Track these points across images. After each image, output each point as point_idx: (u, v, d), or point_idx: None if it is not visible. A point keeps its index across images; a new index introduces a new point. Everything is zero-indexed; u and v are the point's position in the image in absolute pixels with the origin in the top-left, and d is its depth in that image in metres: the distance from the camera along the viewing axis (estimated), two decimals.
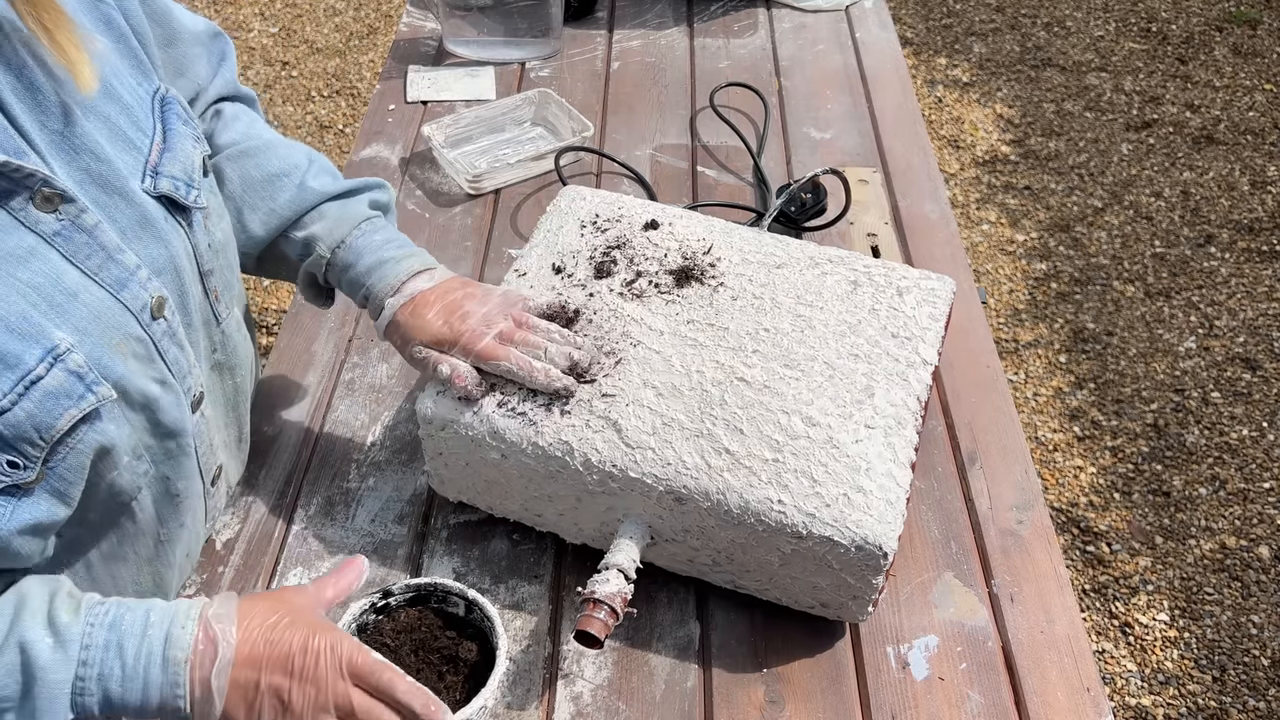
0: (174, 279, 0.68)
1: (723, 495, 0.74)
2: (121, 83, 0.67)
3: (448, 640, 0.71)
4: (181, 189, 0.69)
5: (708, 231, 0.95)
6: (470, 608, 0.71)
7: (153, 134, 0.68)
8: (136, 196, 0.65)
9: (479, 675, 0.69)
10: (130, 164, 0.65)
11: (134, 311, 0.63)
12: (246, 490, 0.92)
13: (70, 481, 0.59)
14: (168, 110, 0.70)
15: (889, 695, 0.78)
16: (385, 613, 0.72)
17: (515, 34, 1.47)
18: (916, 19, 3.26)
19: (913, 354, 0.84)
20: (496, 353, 0.78)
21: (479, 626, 0.71)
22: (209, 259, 0.74)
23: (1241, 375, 2.10)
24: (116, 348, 0.61)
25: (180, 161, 0.69)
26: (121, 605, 0.60)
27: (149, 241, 0.66)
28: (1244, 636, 1.67)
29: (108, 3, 0.67)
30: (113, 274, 0.62)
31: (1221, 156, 2.67)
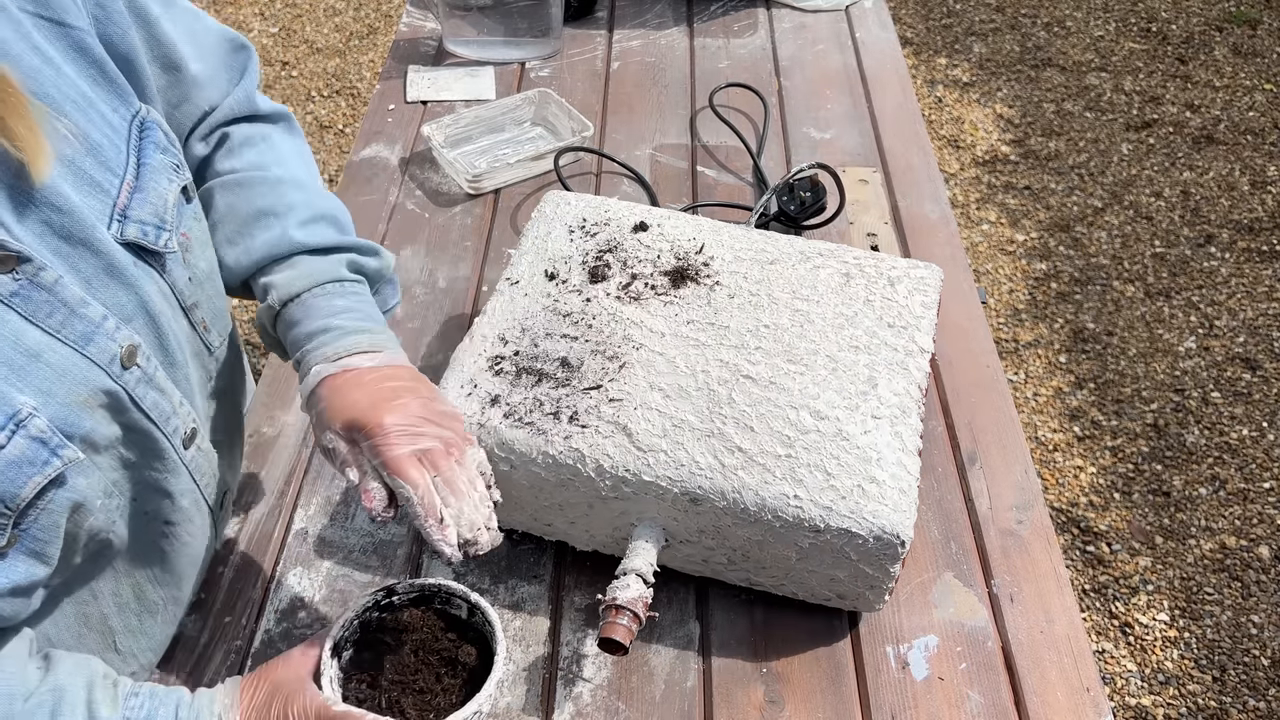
0: (148, 323, 0.65)
1: (739, 494, 0.74)
2: (91, 119, 0.62)
3: (448, 642, 0.71)
4: (151, 234, 0.65)
5: (697, 231, 0.95)
6: (473, 611, 0.71)
7: (124, 172, 0.64)
8: (103, 245, 0.61)
9: (477, 679, 0.69)
10: (97, 209, 0.62)
11: (102, 365, 0.60)
12: (246, 490, 0.92)
13: (46, 541, 0.58)
14: (145, 138, 0.66)
15: (889, 695, 0.78)
16: (388, 610, 0.72)
17: (515, 34, 1.47)
18: (916, 19, 3.26)
19: (910, 342, 0.84)
20: (406, 473, 0.65)
21: (480, 630, 0.71)
22: (191, 293, 0.71)
23: (1241, 375, 2.10)
24: (84, 404, 0.59)
25: (151, 202, 0.65)
26: (154, 698, 0.63)
27: (117, 289, 0.62)
28: (1244, 636, 1.67)
29: (79, 28, 0.62)
30: (77, 329, 0.59)
31: (1221, 156, 2.67)
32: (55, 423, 0.57)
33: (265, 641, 0.81)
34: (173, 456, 0.68)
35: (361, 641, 0.71)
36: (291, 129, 0.85)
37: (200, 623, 0.82)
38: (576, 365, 0.82)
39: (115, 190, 0.63)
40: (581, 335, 0.85)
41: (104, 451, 0.62)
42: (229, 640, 0.81)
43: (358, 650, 0.71)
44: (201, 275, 0.72)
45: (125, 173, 0.64)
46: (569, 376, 0.81)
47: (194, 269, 0.71)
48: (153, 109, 0.68)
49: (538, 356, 0.84)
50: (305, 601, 0.84)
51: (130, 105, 0.66)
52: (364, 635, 0.71)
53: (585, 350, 0.84)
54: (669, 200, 1.25)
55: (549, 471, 0.78)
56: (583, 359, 0.83)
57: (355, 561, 0.87)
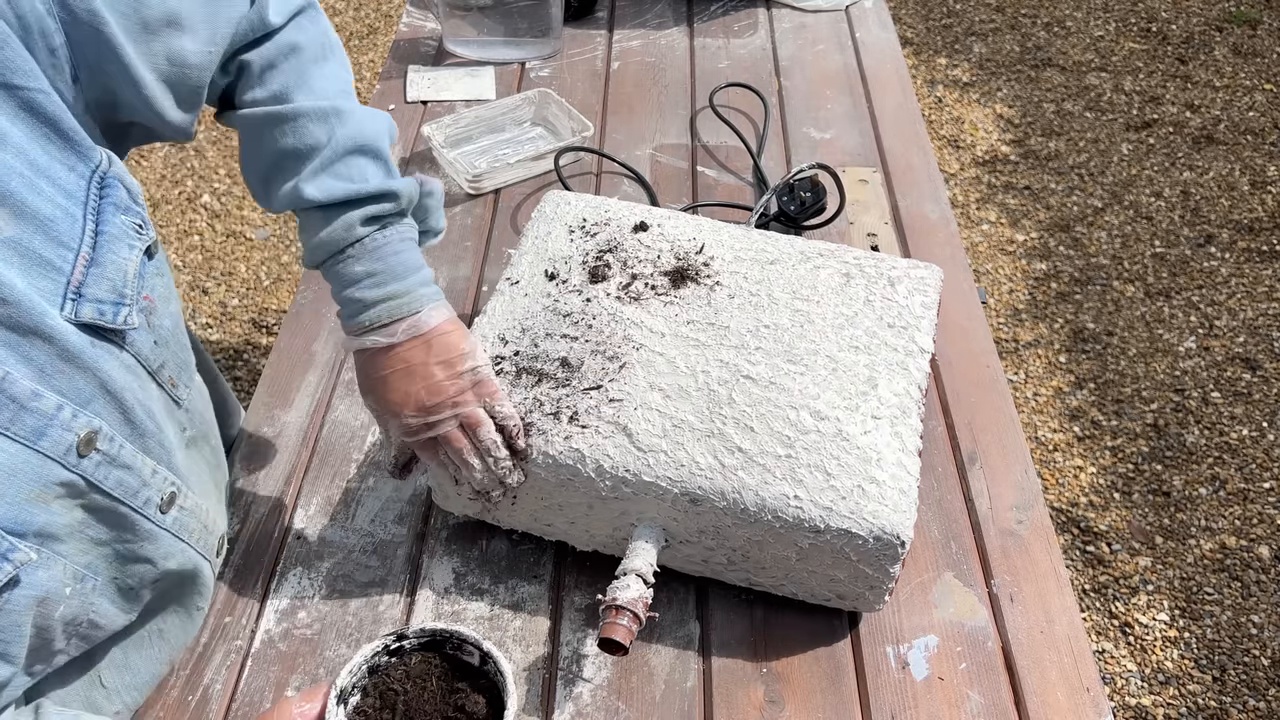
0: (110, 401, 0.62)
1: (738, 494, 0.74)
2: (40, 192, 0.58)
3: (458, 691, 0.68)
4: (108, 313, 0.61)
5: (697, 231, 0.95)
6: (485, 659, 0.69)
7: (79, 244, 0.59)
8: (55, 331, 0.57)
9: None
10: (49, 289, 0.58)
11: (56, 458, 0.57)
12: (246, 490, 0.92)
13: (9, 641, 0.56)
14: (105, 198, 0.62)
15: (889, 695, 0.78)
16: (398, 655, 0.70)
17: (515, 34, 1.47)
18: (916, 19, 3.26)
19: (910, 343, 0.84)
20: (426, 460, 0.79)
21: (492, 680, 0.68)
22: (157, 356, 0.68)
23: (1241, 375, 2.10)
24: (36, 499, 0.57)
25: (109, 278, 0.61)
26: None
27: (73, 375, 0.59)
28: (1244, 636, 1.67)
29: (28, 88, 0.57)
30: (27, 425, 0.56)
31: (1221, 156, 2.67)
32: (4, 524, 0.54)
33: (265, 641, 0.81)
34: (147, 526, 0.66)
35: (369, 687, 0.69)
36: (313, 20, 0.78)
37: (200, 623, 0.82)
38: (576, 365, 0.82)
39: (69, 266, 0.59)
40: (581, 335, 0.85)
41: (67, 539, 0.60)
42: (229, 640, 0.81)
43: (364, 696, 0.68)
44: (166, 334, 0.69)
45: (80, 245, 0.60)
46: (569, 377, 0.81)
47: (159, 330, 0.68)
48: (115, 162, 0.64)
49: (538, 357, 0.84)
50: (305, 601, 0.84)
51: (90, 160, 0.62)
52: (372, 680, 0.69)
53: (585, 350, 0.84)
54: (669, 200, 1.25)
55: (549, 472, 0.78)
56: (583, 359, 0.83)
57: (355, 561, 0.87)
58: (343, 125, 0.75)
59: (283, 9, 0.75)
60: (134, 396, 0.64)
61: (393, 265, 0.76)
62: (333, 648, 0.81)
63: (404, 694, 0.68)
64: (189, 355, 0.75)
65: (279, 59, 0.74)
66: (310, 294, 1.12)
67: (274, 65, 0.74)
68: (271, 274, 2.38)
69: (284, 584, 0.85)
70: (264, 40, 0.74)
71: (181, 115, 0.71)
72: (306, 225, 0.76)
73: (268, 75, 0.74)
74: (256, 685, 0.78)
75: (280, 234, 2.47)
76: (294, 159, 0.74)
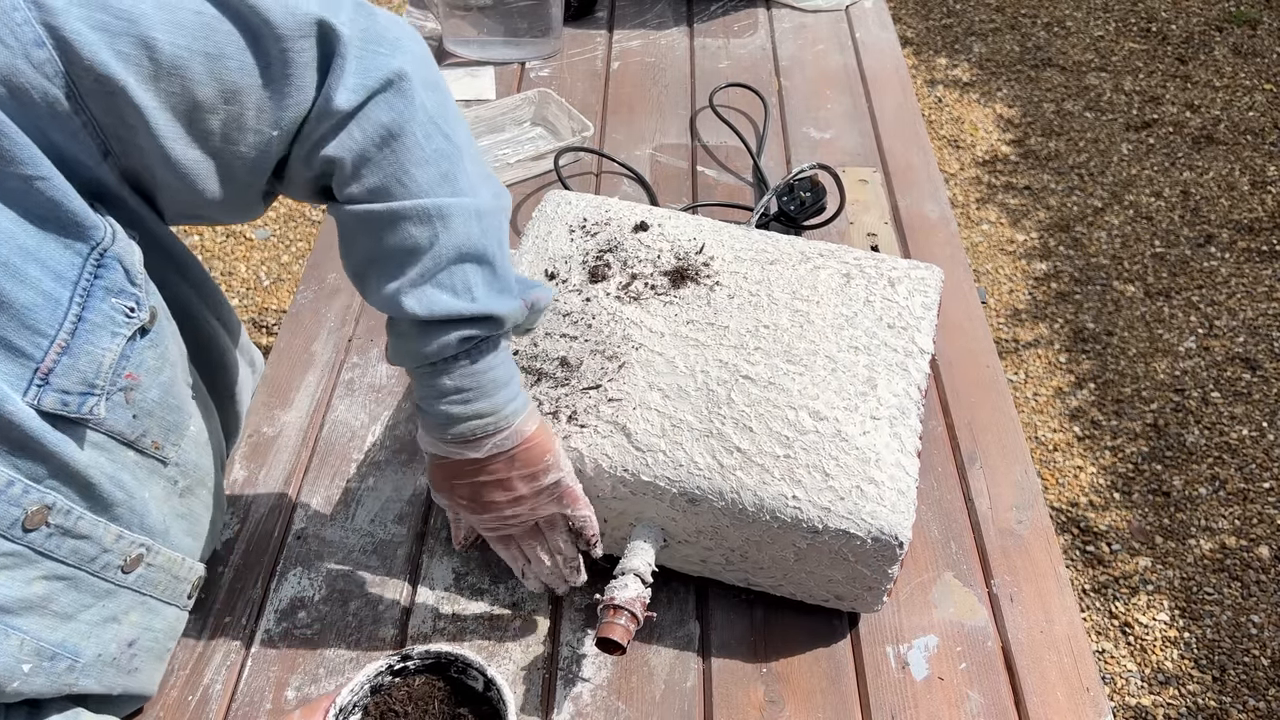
0: (70, 478, 0.60)
1: (737, 494, 0.74)
2: (24, 278, 0.55)
3: (459, 716, 0.68)
4: (73, 404, 0.58)
5: (698, 231, 0.95)
6: (489, 685, 0.68)
7: (56, 331, 0.57)
8: (14, 416, 0.55)
9: None
10: (14, 374, 0.56)
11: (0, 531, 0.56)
12: (246, 490, 0.92)
13: None
14: (98, 279, 0.59)
15: (889, 695, 0.78)
16: (401, 675, 0.69)
17: (515, 34, 1.47)
18: (916, 19, 3.26)
19: (909, 343, 0.84)
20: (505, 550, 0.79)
21: (495, 707, 0.68)
22: (136, 427, 0.65)
23: (1241, 375, 2.10)
24: None
25: (80, 369, 0.58)
26: None
27: (28, 457, 0.57)
28: (1244, 636, 1.67)
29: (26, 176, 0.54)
30: None
31: (1221, 156, 2.67)
32: None
33: (265, 641, 0.81)
34: (105, 588, 0.65)
35: (370, 706, 0.68)
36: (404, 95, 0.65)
37: (200, 623, 0.82)
38: (576, 365, 0.82)
39: (41, 354, 0.57)
40: (581, 335, 0.85)
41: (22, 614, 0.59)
42: (229, 640, 0.81)
43: (365, 715, 0.68)
44: (151, 404, 0.66)
45: (58, 332, 0.57)
46: (568, 376, 0.81)
47: (140, 405, 0.65)
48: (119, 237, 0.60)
49: (537, 356, 0.84)
50: (305, 601, 0.84)
51: (90, 238, 0.58)
52: (374, 699, 0.69)
53: (584, 350, 0.84)
54: (669, 200, 1.25)
55: None
56: (582, 359, 0.83)
57: (355, 561, 0.87)
58: (448, 229, 0.65)
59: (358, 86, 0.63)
60: (101, 472, 0.62)
61: (484, 383, 0.69)
62: (333, 648, 0.81)
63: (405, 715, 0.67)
64: (180, 417, 0.71)
65: (372, 150, 0.64)
66: (310, 294, 1.12)
67: (368, 159, 0.65)
68: (271, 274, 2.38)
69: (284, 584, 0.85)
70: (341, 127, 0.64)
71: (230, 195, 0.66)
72: (397, 327, 0.69)
73: (363, 171, 0.65)
74: (256, 685, 0.78)
75: (280, 234, 2.47)
76: (394, 263, 0.66)
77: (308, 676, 0.79)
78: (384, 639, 0.81)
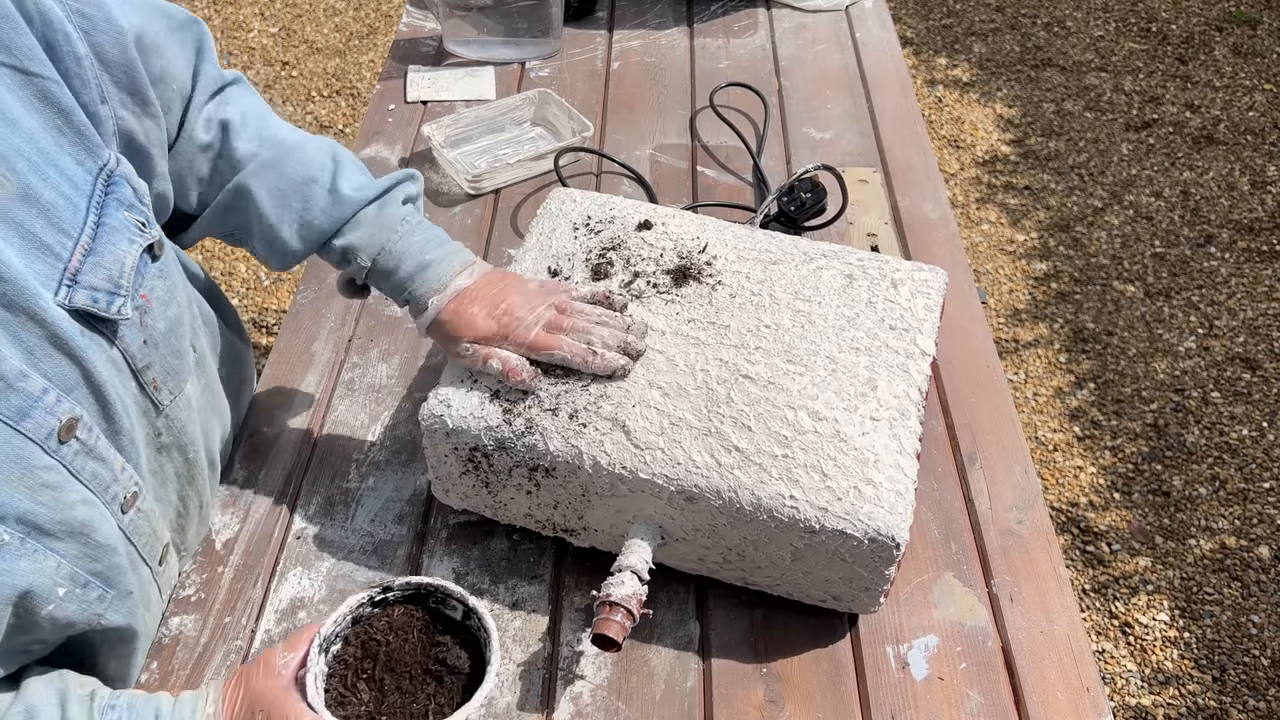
0: (92, 393, 0.63)
1: (734, 493, 0.74)
2: (46, 177, 0.59)
3: (440, 645, 0.70)
4: (102, 301, 0.62)
5: (701, 230, 0.95)
6: (468, 614, 0.70)
7: (79, 234, 0.61)
8: (47, 314, 0.58)
9: (468, 685, 0.68)
10: (44, 274, 0.59)
11: (38, 441, 0.58)
12: (246, 490, 0.92)
13: None
14: (110, 194, 0.64)
15: (889, 695, 0.78)
16: (382, 606, 0.71)
17: (515, 34, 1.47)
18: (916, 19, 3.26)
19: (911, 345, 0.84)
20: (549, 343, 0.80)
21: (474, 634, 0.70)
22: (144, 355, 0.68)
23: (1241, 375, 2.10)
24: (17, 482, 0.57)
25: (105, 267, 0.62)
26: (132, 709, 0.63)
27: (60, 360, 0.60)
28: (1244, 636, 1.67)
29: (43, 75, 0.60)
30: (12, 404, 0.56)
31: (1221, 156, 2.67)
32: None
33: (265, 641, 0.81)
34: (110, 526, 0.66)
35: (350, 636, 0.70)
36: (246, 87, 0.87)
37: (200, 623, 0.82)
38: None
39: (67, 254, 0.60)
40: None
41: (63, 538, 0.60)
42: (229, 640, 0.81)
43: (345, 644, 0.70)
44: (158, 336, 0.70)
45: (80, 234, 0.61)
46: (568, 373, 0.81)
47: (151, 330, 0.69)
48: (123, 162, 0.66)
49: None
50: (305, 601, 0.84)
51: (98, 158, 0.63)
52: (354, 629, 0.70)
53: None
54: (669, 200, 1.25)
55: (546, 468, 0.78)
56: None
57: (355, 561, 0.87)
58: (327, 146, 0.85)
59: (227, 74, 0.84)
60: (115, 391, 0.64)
61: (438, 233, 0.85)
62: None
63: (386, 645, 0.69)
64: (182, 365, 0.75)
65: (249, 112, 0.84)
66: (310, 294, 1.12)
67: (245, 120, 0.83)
68: (271, 274, 2.38)
69: (284, 584, 0.85)
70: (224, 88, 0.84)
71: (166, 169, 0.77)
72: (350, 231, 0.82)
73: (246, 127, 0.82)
74: None
75: None
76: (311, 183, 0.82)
77: None
78: None
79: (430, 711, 0.67)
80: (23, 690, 0.60)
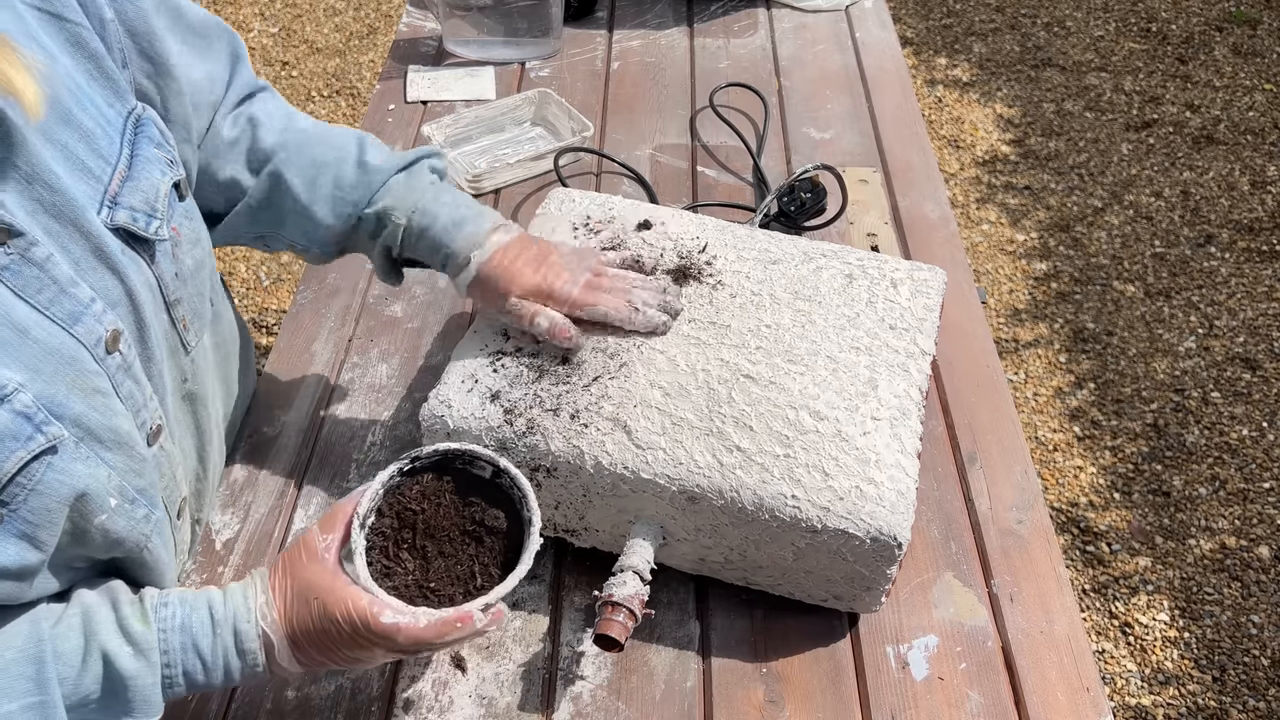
0: (131, 312, 0.65)
1: (736, 493, 0.74)
2: (84, 108, 0.63)
3: (475, 506, 0.70)
4: (141, 220, 0.65)
5: (701, 230, 0.95)
6: (498, 474, 0.70)
7: (116, 161, 0.65)
8: (92, 228, 0.61)
9: (508, 544, 0.68)
10: (87, 194, 0.62)
11: (88, 346, 0.60)
12: (246, 490, 0.92)
13: (37, 525, 0.57)
14: (140, 133, 0.67)
15: (889, 695, 0.78)
16: (411, 475, 0.71)
17: (515, 34, 1.47)
18: (916, 19, 3.26)
19: (911, 345, 0.84)
20: (593, 299, 0.82)
21: (507, 493, 0.71)
22: (176, 288, 0.71)
23: (1241, 375, 2.10)
24: (71, 384, 0.59)
25: (142, 191, 0.66)
26: (184, 604, 0.64)
27: (104, 274, 0.63)
28: (1244, 636, 1.67)
29: (76, 22, 0.63)
30: (65, 308, 0.59)
31: (1221, 156, 2.67)
32: (42, 400, 0.56)
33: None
34: (141, 451, 0.67)
35: (384, 508, 0.70)
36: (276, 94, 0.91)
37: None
38: (577, 362, 0.82)
39: (107, 177, 0.64)
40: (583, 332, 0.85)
41: (111, 448, 0.62)
42: None
43: (380, 516, 0.69)
44: (187, 272, 0.73)
45: (118, 162, 0.65)
46: (569, 373, 0.81)
47: (181, 264, 0.72)
48: (148, 109, 0.69)
49: (538, 353, 0.84)
50: None
51: (126, 102, 0.67)
52: (387, 501, 0.70)
53: (586, 348, 0.84)
54: (669, 200, 1.25)
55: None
56: (583, 356, 0.83)
57: None
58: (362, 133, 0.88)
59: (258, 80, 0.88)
60: (150, 316, 0.67)
61: (468, 199, 0.86)
62: None
63: (422, 512, 0.70)
64: (206, 310, 0.79)
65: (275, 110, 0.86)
66: (310, 294, 1.12)
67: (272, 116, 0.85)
68: (271, 274, 2.38)
69: None
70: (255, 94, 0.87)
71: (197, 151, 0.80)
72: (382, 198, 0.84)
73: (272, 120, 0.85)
74: (256, 685, 0.78)
75: None
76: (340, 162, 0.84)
77: (308, 676, 0.79)
78: None
79: (476, 573, 0.67)
80: (76, 596, 0.63)
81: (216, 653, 0.63)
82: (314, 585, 0.64)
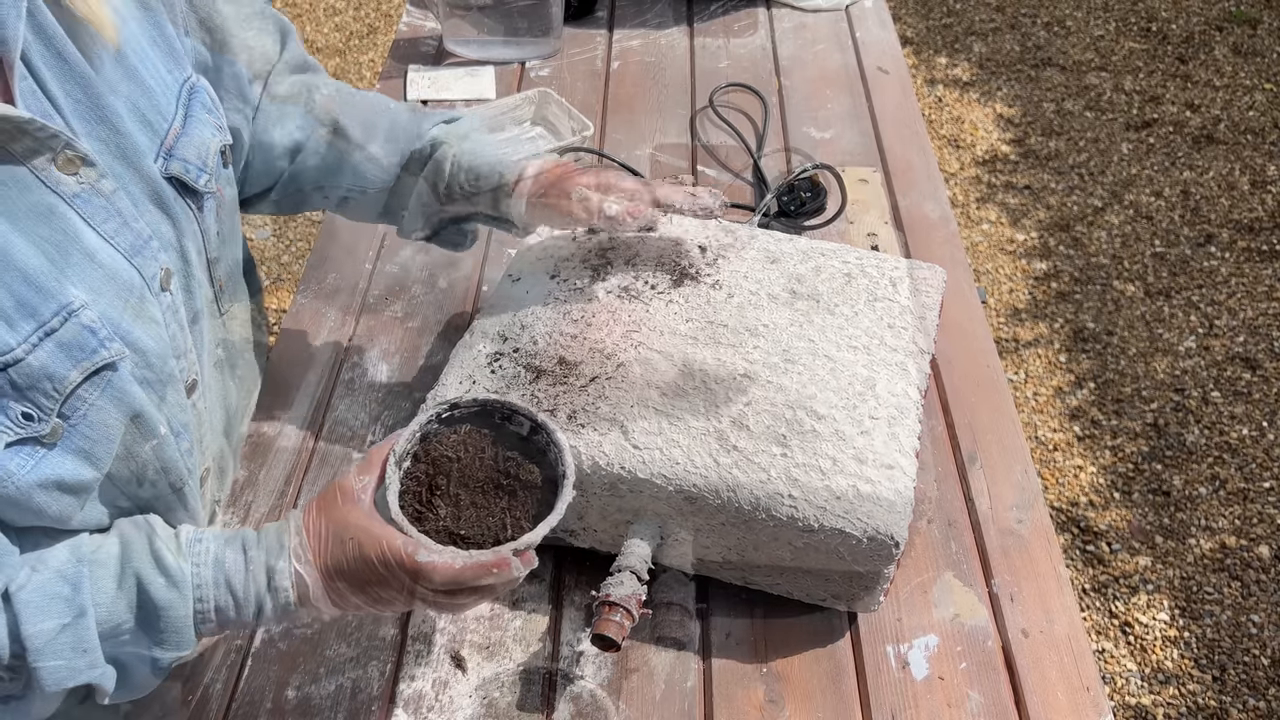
0: (179, 258, 0.69)
1: (733, 492, 0.74)
2: (147, 68, 0.67)
3: (510, 459, 0.70)
4: (193, 172, 0.69)
5: (700, 229, 0.95)
6: (535, 430, 0.71)
7: (171, 119, 0.69)
8: (150, 171, 0.66)
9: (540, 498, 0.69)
10: (146, 142, 0.66)
11: (146, 278, 0.64)
12: (246, 490, 0.92)
13: (95, 440, 0.60)
14: (194, 99, 0.72)
15: (889, 695, 0.78)
16: (448, 424, 0.71)
17: (515, 34, 1.47)
18: (916, 18, 3.26)
19: (910, 344, 0.84)
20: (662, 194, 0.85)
21: (541, 449, 0.71)
22: (216, 247, 0.75)
23: (1241, 375, 2.10)
24: (130, 310, 0.62)
25: (195, 147, 0.70)
26: (219, 541, 0.65)
27: (159, 217, 0.67)
28: (1244, 636, 1.67)
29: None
30: (128, 240, 0.63)
31: (1221, 156, 2.67)
32: (103, 317, 0.59)
33: (265, 641, 0.81)
34: (183, 394, 0.69)
35: (420, 454, 0.70)
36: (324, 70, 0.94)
37: None
38: (575, 363, 0.82)
39: (164, 132, 0.68)
40: (580, 333, 0.85)
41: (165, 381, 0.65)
42: (229, 640, 0.81)
43: (415, 461, 0.70)
44: (226, 234, 0.77)
45: (173, 119, 0.69)
46: (567, 374, 0.81)
47: (223, 224, 0.75)
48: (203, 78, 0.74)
49: (536, 354, 0.84)
50: None
51: (183, 70, 0.71)
52: (422, 447, 0.70)
53: (584, 348, 0.84)
54: None
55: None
56: (581, 357, 0.83)
57: None
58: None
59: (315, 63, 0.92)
60: (194, 268, 0.71)
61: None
62: (333, 647, 0.81)
63: (458, 460, 0.70)
64: (240, 277, 0.83)
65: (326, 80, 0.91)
66: (310, 294, 1.12)
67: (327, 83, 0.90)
68: (271, 274, 2.38)
69: None
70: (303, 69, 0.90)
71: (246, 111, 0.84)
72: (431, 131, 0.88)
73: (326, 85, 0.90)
74: (256, 685, 0.78)
75: (280, 234, 2.48)
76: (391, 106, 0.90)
77: (308, 676, 0.79)
78: (384, 638, 0.81)
79: (507, 525, 0.67)
80: (115, 525, 0.65)
81: (249, 589, 0.64)
82: (350, 524, 0.65)
